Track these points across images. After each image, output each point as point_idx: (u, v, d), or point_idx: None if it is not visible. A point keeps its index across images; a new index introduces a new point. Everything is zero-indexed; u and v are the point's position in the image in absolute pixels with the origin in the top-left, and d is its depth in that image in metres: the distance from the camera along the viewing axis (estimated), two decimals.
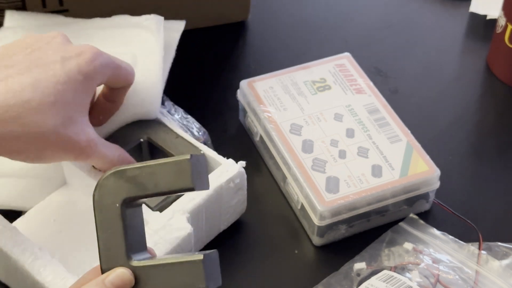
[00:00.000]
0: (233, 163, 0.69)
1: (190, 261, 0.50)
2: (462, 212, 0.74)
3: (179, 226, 0.64)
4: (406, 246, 0.70)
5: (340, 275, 0.69)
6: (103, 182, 0.53)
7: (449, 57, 0.92)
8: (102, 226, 0.52)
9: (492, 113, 0.86)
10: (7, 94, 0.56)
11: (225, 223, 0.71)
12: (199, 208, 0.66)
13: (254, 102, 0.78)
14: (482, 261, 0.69)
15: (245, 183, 0.70)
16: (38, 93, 0.56)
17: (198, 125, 0.76)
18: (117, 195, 0.52)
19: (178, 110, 0.76)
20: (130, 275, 0.51)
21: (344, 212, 0.70)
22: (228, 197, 0.69)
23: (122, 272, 0.51)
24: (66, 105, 0.58)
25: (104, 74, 0.62)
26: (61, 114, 0.57)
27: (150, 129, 0.71)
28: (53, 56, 0.59)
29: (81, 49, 0.60)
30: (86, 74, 0.59)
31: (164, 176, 0.51)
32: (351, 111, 0.77)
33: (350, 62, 0.82)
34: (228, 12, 0.92)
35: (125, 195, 0.52)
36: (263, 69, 0.82)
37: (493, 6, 0.94)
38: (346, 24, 0.95)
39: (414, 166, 0.73)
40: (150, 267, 0.51)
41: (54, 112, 0.57)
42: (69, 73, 0.58)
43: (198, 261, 0.50)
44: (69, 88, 0.58)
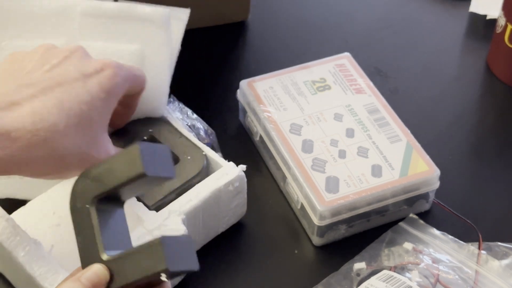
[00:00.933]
0: (233, 166, 0.69)
1: (151, 245, 0.51)
2: (462, 212, 0.74)
3: (173, 227, 0.64)
4: (406, 246, 0.70)
5: (340, 275, 0.69)
6: (74, 188, 0.54)
7: (449, 57, 0.92)
8: (78, 229, 0.54)
9: (492, 113, 0.86)
10: (34, 117, 0.53)
11: (223, 226, 0.71)
12: (196, 210, 0.66)
13: (254, 102, 0.78)
14: (482, 261, 0.69)
15: (245, 186, 0.70)
16: (63, 116, 0.54)
17: (205, 126, 0.75)
18: (86, 197, 0.54)
19: (186, 110, 0.76)
20: (104, 270, 0.52)
21: (344, 212, 0.70)
22: (227, 200, 0.69)
23: (97, 267, 0.52)
24: (90, 125, 0.57)
25: (124, 88, 0.61)
26: (86, 135, 0.56)
27: (155, 127, 0.71)
28: (74, 73, 0.57)
29: (101, 65, 0.59)
30: (108, 91, 0.58)
31: (119, 167, 0.52)
32: (351, 111, 0.77)
33: (350, 62, 0.82)
34: (228, 12, 0.92)
35: (93, 195, 0.53)
36: (263, 69, 0.82)
37: (493, 6, 0.94)
38: (346, 24, 0.95)
39: (414, 166, 0.73)
40: (120, 258, 0.52)
41: (80, 134, 0.56)
42: (91, 91, 0.57)
43: (157, 243, 0.50)
44: (93, 108, 0.56)
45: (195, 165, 0.68)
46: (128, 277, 0.51)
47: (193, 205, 0.66)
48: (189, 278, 0.69)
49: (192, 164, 0.69)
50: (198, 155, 0.69)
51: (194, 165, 0.68)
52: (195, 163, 0.69)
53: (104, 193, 0.53)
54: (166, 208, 0.66)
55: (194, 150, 0.70)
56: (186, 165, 0.68)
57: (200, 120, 0.76)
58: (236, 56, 0.91)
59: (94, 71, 0.58)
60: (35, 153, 0.53)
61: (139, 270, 0.51)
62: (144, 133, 0.71)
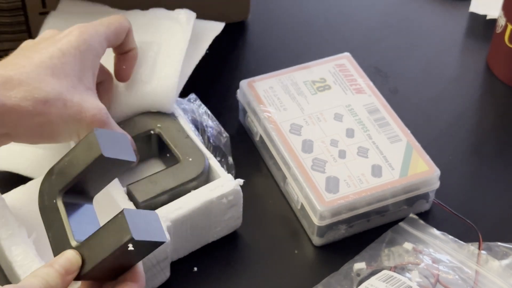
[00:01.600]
0: (230, 178, 0.68)
1: (114, 219, 0.52)
2: (462, 212, 0.74)
3: None
4: (406, 246, 0.70)
5: (340, 275, 0.69)
6: (40, 188, 0.57)
7: (449, 57, 0.92)
8: (48, 225, 0.56)
9: (492, 113, 0.86)
10: (6, 68, 0.60)
11: (214, 236, 0.70)
12: (184, 219, 0.66)
13: (254, 102, 0.78)
14: (482, 261, 0.69)
15: (241, 200, 0.69)
16: (35, 66, 0.61)
17: (219, 128, 0.75)
18: (52, 193, 0.56)
19: (203, 111, 0.76)
20: (75, 254, 0.54)
21: (344, 212, 0.70)
22: (219, 212, 0.68)
23: (68, 253, 0.54)
24: (66, 77, 0.62)
25: (99, 41, 0.65)
26: (63, 83, 0.61)
27: (163, 123, 0.71)
28: (50, 39, 0.64)
29: (70, 29, 0.65)
30: (77, 47, 0.63)
31: (79, 156, 0.55)
32: (351, 111, 0.77)
33: (350, 62, 0.82)
34: (228, 12, 0.92)
35: (58, 189, 0.55)
36: (263, 69, 0.82)
37: (493, 6, 0.93)
38: (346, 24, 0.95)
39: (414, 166, 0.72)
40: (88, 241, 0.54)
41: (55, 81, 0.61)
42: (62, 48, 0.63)
43: (120, 216, 0.52)
44: (66, 61, 0.62)
45: (194, 169, 0.68)
46: (97, 256, 0.52)
47: (181, 214, 0.65)
48: (189, 275, 0.69)
49: (192, 167, 0.68)
50: (200, 159, 0.69)
51: (193, 168, 0.68)
52: (194, 167, 0.68)
53: (68, 184, 0.55)
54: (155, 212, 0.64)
55: (197, 153, 0.69)
56: (185, 166, 0.68)
57: (215, 121, 0.75)
58: (236, 56, 0.91)
59: (64, 35, 0.64)
60: (13, 97, 0.59)
61: (107, 247, 0.52)
62: (152, 127, 0.71)
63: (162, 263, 0.65)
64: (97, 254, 0.53)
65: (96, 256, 0.53)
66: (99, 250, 0.53)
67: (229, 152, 0.74)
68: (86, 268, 0.53)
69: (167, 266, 0.67)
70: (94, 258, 0.53)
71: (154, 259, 0.64)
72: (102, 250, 0.52)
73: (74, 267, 0.53)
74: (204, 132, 0.74)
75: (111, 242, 0.52)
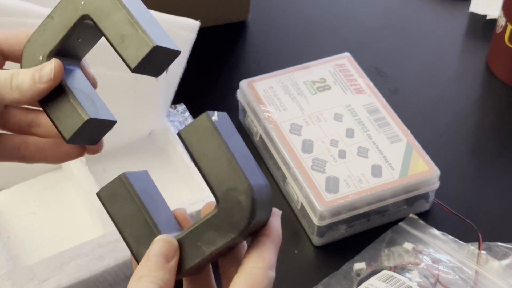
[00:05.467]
0: None
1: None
2: (462, 212, 0.74)
3: None
4: (406, 246, 0.70)
5: (340, 275, 0.69)
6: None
7: (449, 57, 0.92)
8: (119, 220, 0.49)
9: (492, 113, 0.86)
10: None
11: None
12: None
13: (254, 102, 0.78)
14: (482, 261, 0.69)
15: None
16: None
17: None
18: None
19: (191, 121, 0.76)
20: (172, 238, 0.47)
21: (344, 212, 0.70)
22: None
23: (161, 238, 0.47)
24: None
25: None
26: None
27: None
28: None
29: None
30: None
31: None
32: (351, 111, 0.77)
33: (350, 62, 0.82)
34: (228, 12, 0.92)
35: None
36: (263, 69, 0.82)
37: (493, 6, 0.94)
38: (346, 24, 0.95)
39: (414, 166, 0.73)
40: (188, 235, 0.48)
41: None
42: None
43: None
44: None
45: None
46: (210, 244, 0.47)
47: None
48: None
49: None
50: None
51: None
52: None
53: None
54: None
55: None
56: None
57: None
58: (236, 56, 0.91)
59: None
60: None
61: (217, 236, 0.46)
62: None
63: None
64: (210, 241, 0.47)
65: (208, 244, 0.47)
66: (208, 240, 0.47)
67: None
68: (194, 259, 0.47)
69: None
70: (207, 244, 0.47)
71: (128, 271, 0.64)
72: (211, 240, 0.47)
73: (170, 250, 0.47)
74: None
75: (223, 229, 0.46)
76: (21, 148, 0.56)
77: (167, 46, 0.50)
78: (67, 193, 0.71)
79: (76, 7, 0.51)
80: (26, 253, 0.66)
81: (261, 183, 0.47)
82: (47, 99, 0.52)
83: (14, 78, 0.51)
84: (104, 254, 0.62)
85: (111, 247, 0.63)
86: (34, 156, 0.56)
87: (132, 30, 0.49)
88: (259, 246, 0.48)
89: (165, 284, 0.46)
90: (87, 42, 0.54)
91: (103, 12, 0.50)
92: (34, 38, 0.52)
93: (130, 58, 0.49)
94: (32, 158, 0.56)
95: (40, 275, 0.61)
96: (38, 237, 0.67)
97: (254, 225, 0.46)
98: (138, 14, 0.50)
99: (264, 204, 0.47)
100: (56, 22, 0.52)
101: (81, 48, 0.54)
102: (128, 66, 0.49)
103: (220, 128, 0.47)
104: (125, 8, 0.49)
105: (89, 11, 0.50)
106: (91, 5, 0.50)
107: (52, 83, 0.51)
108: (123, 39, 0.49)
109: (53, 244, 0.67)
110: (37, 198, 0.70)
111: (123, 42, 0.49)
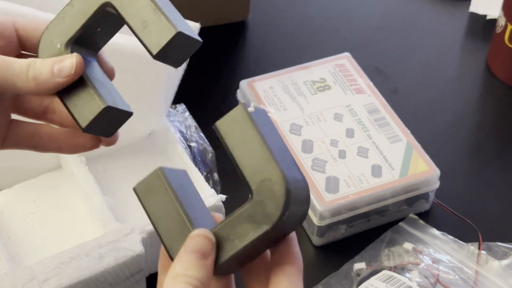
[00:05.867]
0: (213, 193, 0.67)
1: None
2: (462, 212, 0.74)
3: (130, 245, 0.63)
4: (406, 246, 0.70)
5: (340, 275, 0.69)
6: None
7: (449, 57, 0.92)
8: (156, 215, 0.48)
9: (492, 113, 0.86)
10: None
11: None
12: None
13: (254, 102, 0.78)
14: (482, 261, 0.69)
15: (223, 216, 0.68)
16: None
17: (205, 144, 0.75)
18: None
19: (191, 124, 0.76)
20: (209, 233, 0.45)
21: (344, 212, 0.70)
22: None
23: (198, 233, 0.45)
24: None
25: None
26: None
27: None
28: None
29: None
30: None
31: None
32: (351, 111, 0.77)
33: (350, 62, 0.82)
34: (228, 12, 0.92)
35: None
36: (263, 69, 0.82)
37: (493, 6, 0.94)
38: (346, 24, 0.95)
39: (414, 166, 0.72)
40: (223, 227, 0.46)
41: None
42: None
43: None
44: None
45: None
46: (243, 238, 0.45)
47: None
48: None
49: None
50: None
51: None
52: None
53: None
54: (130, 224, 0.64)
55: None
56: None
57: (202, 138, 0.75)
58: (236, 56, 0.91)
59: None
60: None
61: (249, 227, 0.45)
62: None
63: (137, 275, 0.64)
64: (242, 235, 0.45)
65: (241, 238, 0.45)
66: (241, 231, 0.45)
67: (214, 168, 0.74)
68: (227, 253, 0.45)
69: (143, 279, 0.66)
70: (238, 238, 0.45)
71: (128, 271, 0.64)
72: (248, 230, 0.45)
73: (208, 246, 0.45)
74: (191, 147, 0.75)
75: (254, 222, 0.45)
76: (34, 136, 0.54)
77: (189, 35, 0.49)
78: (67, 193, 0.71)
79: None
80: (26, 253, 0.66)
81: (297, 177, 0.46)
82: (64, 88, 0.51)
83: (31, 69, 0.49)
84: (104, 254, 0.62)
85: (111, 247, 0.63)
86: (47, 145, 0.54)
87: (155, 16, 0.48)
88: (289, 277, 0.46)
89: (201, 283, 0.44)
90: (106, 32, 0.52)
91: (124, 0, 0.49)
92: (53, 25, 0.51)
93: (152, 45, 0.48)
94: (45, 147, 0.54)
95: (40, 275, 0.60)
96: (38, 237, 0.67)
97: (288, 218, 0.45)
98: (161, 2, 0.49)
99: (299, 198, 0.46)
100: (76, 9, 0.50)
101: (100, 38, 0.52)
102: (150, 52, 0.48)
103: (256, 119, 0.46)
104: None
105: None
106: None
107: (71, 78, 0.49)
108: (145, 26, 0.48)
109: (53, 244, 0.67)
110: (37, 198, 0.70)
111: (145, 28, 0.48)
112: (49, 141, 0.54)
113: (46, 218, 0.69)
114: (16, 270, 0.61)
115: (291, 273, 0.46)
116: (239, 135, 0.46)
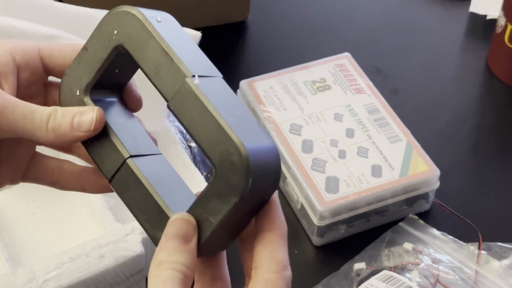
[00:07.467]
0: None
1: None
2: (462, 212, 0.74)
3: (130, 246, 0.63)
4: (406, 246, 0.70)
5: (340, 275, 0.69)
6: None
7: (449, 57, 0.92)
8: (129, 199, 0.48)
9: (492, 113, 0.86)
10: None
11: None
12: None
13: (254, 102, 0.78)
14: (482, 261, 0.69)
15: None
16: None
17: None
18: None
19: None
20: (188, 215, 0.44)
21: (344, 212, 0.70)
22: None
23: (177, 218, 0.44)
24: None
25: (6, 57, 0.50)
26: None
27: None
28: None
29: None
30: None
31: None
32: (351, 111, 0.77)
33: (350, 62, 0.82)
34: (228, 12, 0.92)
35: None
36: (263, 69, 0.82)
37: (493, 6, 0.94)
38: (346, 24, 0.95)
39: (414, 166, 0.72)
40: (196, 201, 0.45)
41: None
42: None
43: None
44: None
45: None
46: (216, 214, 0.44)
47: None
48: None
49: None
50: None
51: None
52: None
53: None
54: (130, 224, 0.64)
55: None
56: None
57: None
58: (236, 56, 0.91)
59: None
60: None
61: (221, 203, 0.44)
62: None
63: (137, 275, 0.65)
64: (214, 211, 0.44)
65: (214, 214, 0.44)
66: (214, 208, 0.44)
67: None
68: (205, 233, 0.44)
69: (143, 279, 0.66)
70: (211, 218, 0.44)
71: (128, 271, 0.64)
72: (219, 207, 0.44)
73: (188, 229, 0.44)
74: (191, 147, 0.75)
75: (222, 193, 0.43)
76: (55, 172, 0.52)
77: (207, 75, 0.47)
78: (67, 193, 0.70)
79: (109, 37, 0.47)
80: (26, 253, 0.66)
81: (261, 143, 0.45)
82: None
83: (51, 119, 0.48)
84: (104, 254, 0.62)
85: (111, 247, 0.63)
86: (69, 183, 0.52)
87: (166, 60, 0.46)
88: (267, 245, 0.45)
89: (187, 267, 0.43)
90: (125, 72, 0.50)
91: (136, 41, 0.47)
92: (70, 71, 0.49)
93: (166, 91, 0.46)
94: (66, 185, 0.52)
95: (40, 275, 0.61)
96: (38, 237, 0.67)
97: (255, 187, 0.44)
98: (174, 41, 0.47)
99: (266, 166, 0.45)
100: (90, 54, 0.48)
101: (120, 78, 0.51)
102: (165, 99, 0.46)
103: (205, 91, 0.45)
104: (159, 36, 0.46)
105: (123, 40, 0.47)
106: (124, 34, 0.47)
107: (91, 133, 0.48)
108: (158, 70, 0.46)
109: (53, 244, 0.67)
110: (37, 198, 0.70)
111: (158, 73, 0.46)
112: (70, 180, 0.52)
113: (46, 218, 0.69)
114: (16, 270, 0.61)
115: (270, 240, 0.45)
116: (190, 111, 0.45)
